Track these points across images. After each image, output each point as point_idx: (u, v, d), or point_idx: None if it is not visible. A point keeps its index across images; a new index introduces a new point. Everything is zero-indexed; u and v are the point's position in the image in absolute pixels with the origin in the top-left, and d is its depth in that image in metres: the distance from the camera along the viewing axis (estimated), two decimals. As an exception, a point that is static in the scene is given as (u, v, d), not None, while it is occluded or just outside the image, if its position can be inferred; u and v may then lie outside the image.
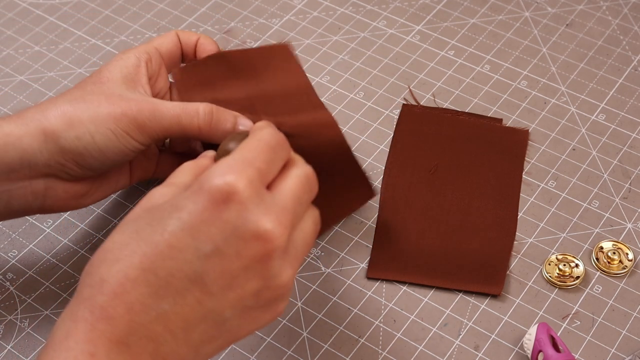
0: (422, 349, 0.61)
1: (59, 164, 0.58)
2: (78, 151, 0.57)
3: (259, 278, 0.47)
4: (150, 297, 0.46)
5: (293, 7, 0.85)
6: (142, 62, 0.61)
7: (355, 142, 0.73)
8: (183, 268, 0.46)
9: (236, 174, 0.46)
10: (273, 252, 0.47)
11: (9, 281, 0.64)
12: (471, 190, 0.69)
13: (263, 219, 0.46)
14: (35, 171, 0.58)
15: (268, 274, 0.48)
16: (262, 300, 0.48)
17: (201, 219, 0.46)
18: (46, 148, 0.57)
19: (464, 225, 0.67)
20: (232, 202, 0.46)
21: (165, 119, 0.58)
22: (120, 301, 0.45)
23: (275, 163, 0.49)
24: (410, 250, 0.66)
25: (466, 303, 0.63)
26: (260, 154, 0.48)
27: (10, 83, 0.79)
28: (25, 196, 0.59)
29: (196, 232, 0.46)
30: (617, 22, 0.83)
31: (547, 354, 0.57)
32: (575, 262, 0.64)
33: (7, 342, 0.61)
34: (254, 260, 0.47)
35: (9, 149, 0.56)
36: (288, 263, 0.49)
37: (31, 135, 0.57)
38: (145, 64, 0.61)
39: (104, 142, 0.57)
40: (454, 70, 0.79)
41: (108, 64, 0.61)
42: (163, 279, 0.46)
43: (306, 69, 0.79)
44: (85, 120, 0.57)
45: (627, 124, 0.74)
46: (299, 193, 0.49)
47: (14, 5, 0.86)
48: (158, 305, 0.46)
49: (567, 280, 0.64)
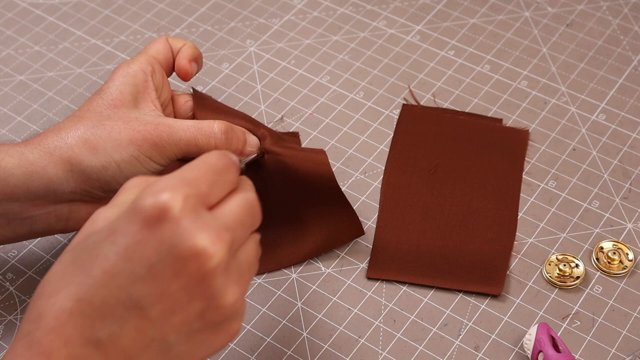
0: (422, 349, 0.61)
1: (85, 190, 0.58)
2: (105, 179, 0.58)
3: (201, 298, 0.45)
4: (87, 328, 0.43)
5: (293, 7, 0.85)
6: (149, 76, 0.61)
7: (355, 142, 0.73)
8: (117, 294, 0.44)
9: (171, 191, 0.44)
10: (213, 270, 0.44)
11: (9, 281, 0.64)
12: (471, 190, 0.69)
13: (199, 235, 0.44)
14: (61, 198, 0.58)
15: (210, 293, 0.45)
16: (209, 321, 0.46)
17: (135, 241, 0.44)
18: (72, 177, 0.57)
19: (464, 225, 0.67)
20: (166, 221, 0.44)
21: (182, 140, 0.58)
22: (57, 335, 0.43)
23: (219, 186, 0.47)
24: (410, 250, 0.66)
25: (466, 303, 0.63)
26: (203, 175, 0.46)
27: (10, 83, 0.78)
28: (48, 220, 0.59)
29: (130, 255, 0.44)
30: (617, 22, 0.83)
31: (547, 354, 0.57)
32: (575, 262, 0.64)
33: (6, 342, 0.61)
34: (193, 279, 0.44)
35: (35, 178, 0.57)
36: (232, 282, 0.46)
37: (56, 165, 0.57)
38: (151, 77, 0.61)
39: (129, 169, 0.58)
40: (454, 70, 0.79)
41: (115, 80, 0.61)
42: (98, 308, 0.44)
43: (306, 69, 0.79)
44: (109, 149, 0.57)
45: (628, 124, 0.74)
46: (241, 215, 0.47)
47: (13, 5, 0.86)
48: (95, 337, 0.44)
49: (567, 281, 0.64)
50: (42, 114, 0.76)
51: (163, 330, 0.45)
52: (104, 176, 0.57)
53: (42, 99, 0.77)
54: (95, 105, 0.60)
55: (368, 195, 0.70)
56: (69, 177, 0.57)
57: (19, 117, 0.76)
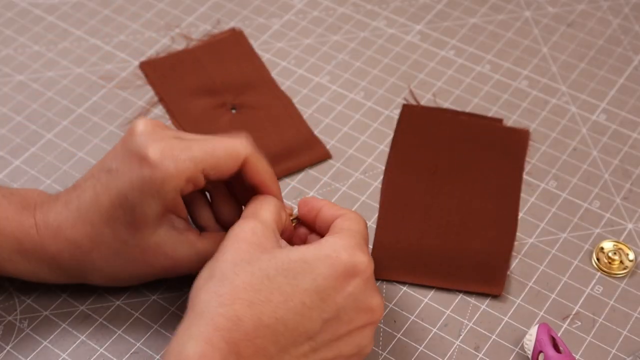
0: (423, 349, 0.61)
1: None
2: None
3: (354, 344, 0.53)
4: (274, 344, 0.50)
5: (293, 7, 0.85)
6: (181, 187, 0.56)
7: (355, 142, 0.73)
8: (307, 325, 0.51)
9: (362, 254, 0.53)
10: (375, 323, 0.54)
11: (8, 281, 0.64)
12: (471, 190, 0.69)
13: (376, 296, 0.54)
14: None
15: (364, 341, 0.54)
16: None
17: (332, 286, 0.51)
18: None
19: (464, 226, 0.67)
20: (358, 278, 0.52)
21: None
22: (252, 343, 0.49)
23: None
24: (410, 250, 0.65)
25: (466, 303, 0.63)
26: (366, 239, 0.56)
27: (10, 83, 0.78)
28: None
29: (326, 296, 0.51)
30: (617, 22, 0.83)
31: (547, 355, 0.57)
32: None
33: (6, 342, 0.61)
34: (359, 328, 0.53)
35: None
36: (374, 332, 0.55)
37: None
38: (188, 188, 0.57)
39: None
40: (454, 70, 0.79)
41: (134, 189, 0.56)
42: (289, 331, 0.50)
43: (306, 68, 0.79)
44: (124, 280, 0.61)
45: (628, 124, 0.74)
46: None
47: (13, 4, 0.86)
48: (277, 353, 0.50)
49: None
50: (41, 114, 0.76)
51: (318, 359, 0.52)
52: None
53: (42, 99, 0.77)
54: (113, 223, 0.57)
55: (368, 195, 0.70)
56: None
57: (19, 117, 0.75)
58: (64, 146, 0.73)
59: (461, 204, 0.68)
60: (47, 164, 0.72)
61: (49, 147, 0.73)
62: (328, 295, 0.51)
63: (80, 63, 0.80)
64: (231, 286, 0.50)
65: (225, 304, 0.49)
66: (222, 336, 0.48)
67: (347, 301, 0.52)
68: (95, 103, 0.77)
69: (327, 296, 0.51)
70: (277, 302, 0.50)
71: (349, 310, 0.52)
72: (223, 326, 0.48)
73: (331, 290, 0.51)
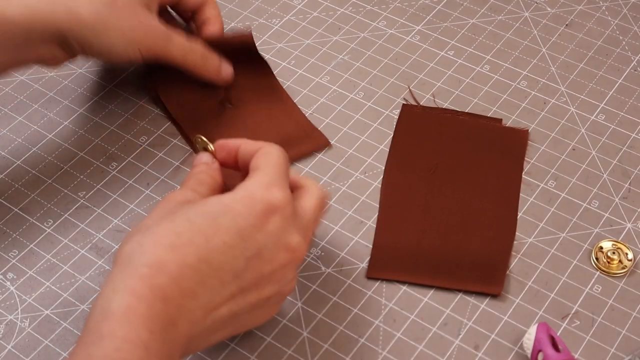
0: (422, 348, 0.61)
1: None
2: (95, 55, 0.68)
3: (277, 283, 0.54)
4: (199, 285, 0.50)
5: (293, 7, 0.85)
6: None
7: (355, 142, 0.73)
8: (232, 263, 0.51)
9: (278, 189, 0.54)
10: (296, 262, 0.55)
11: (9, 281, 0.65)
12: (471, 190, 0.69)
13: (296, 234, 0.54)
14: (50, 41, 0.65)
15: (285, 279, 0.55)
16: (268, 302, 0.55)
17: (252, 224, 0.52)
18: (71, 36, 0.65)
19: (464, 225, 0.67)
20: (277, 215, 0.53)
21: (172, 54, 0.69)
22: (178, 286, 0.49)
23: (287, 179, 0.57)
24: (410, 250, 0.66)
25: (466, 303, 0.63)
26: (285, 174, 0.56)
27: (11, 83, 0.79)
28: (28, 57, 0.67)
29: (246, 235, 0.52)
30: (616, 22, 0.83)
31: (546, 354, 0.57)
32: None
33: (7, 342, 0.61)
34: (281, 266, 0.54)
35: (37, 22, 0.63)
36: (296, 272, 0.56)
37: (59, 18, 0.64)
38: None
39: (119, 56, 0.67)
40: (454, 70, 0.79)
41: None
42: (214, 270, 0.50)
43: (306, 69, 0.79)
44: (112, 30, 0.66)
45: (627, 124, 0.74)
46: (317, 214, 0.57)
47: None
48: (204, 293, 0.50)
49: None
50: (42, 114, 0.76)
51: (245, 301, 0.53)
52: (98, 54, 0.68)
53: (43, 99, 0.77)
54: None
55: (368, 195, 0.70)
56: None
57: (20, 117, 0.76)
58: (65, 146, 0.73)
59: (461, 204, 0.68)
60: (47, 163, 0.72)
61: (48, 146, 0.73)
62: (249, 234, 0.52)
63: (81, 63, 0.80)
64: (153, 235, 0.51)
65: (148, 251, 0.50)
66: (145, 284, 0.48)
67: (267, 239, 0.52)
68: (95, 102, 0.77)
69: (247, 235, 0.52)
70: (199, 242, 0.50)
71: (270, 247, 0.53)
72: (146, 274, 0.49)
73: (251, 228, 0.52)
